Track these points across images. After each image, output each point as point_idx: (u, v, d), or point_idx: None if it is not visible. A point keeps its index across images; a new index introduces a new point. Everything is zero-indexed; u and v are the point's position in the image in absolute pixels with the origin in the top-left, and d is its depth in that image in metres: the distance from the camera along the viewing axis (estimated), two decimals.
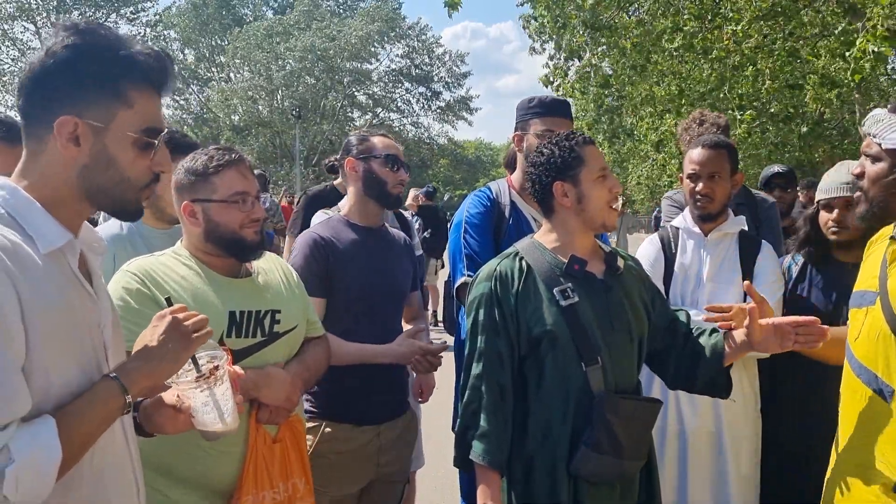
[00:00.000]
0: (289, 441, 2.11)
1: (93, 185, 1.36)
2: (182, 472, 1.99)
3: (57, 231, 1.34)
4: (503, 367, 2.10)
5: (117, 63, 1.33)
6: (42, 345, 1.26)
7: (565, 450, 2.06)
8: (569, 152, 2.15)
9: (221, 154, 2.08)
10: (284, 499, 2.05)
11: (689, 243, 2.90)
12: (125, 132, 1.35)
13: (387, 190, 2.67)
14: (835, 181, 2.76)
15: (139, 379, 1.39)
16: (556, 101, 2.92)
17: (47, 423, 1.24)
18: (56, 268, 1.33)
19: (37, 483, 1.21)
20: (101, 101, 1.33)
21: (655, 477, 2.26)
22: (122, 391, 1.35)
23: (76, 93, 1.31)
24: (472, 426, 2.10)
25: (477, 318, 2.14)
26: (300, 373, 2.17)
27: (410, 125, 39.40)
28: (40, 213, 1.33)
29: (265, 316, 2.11)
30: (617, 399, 2.06)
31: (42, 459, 1.21)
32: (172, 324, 1.45)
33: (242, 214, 2.06)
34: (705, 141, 2.87)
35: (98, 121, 1.33)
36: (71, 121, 1.31)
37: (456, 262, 2.86)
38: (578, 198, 2.14)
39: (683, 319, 2.31)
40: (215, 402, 1.56)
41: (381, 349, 2.56)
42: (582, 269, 2.14)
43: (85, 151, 1.34)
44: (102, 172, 1.36)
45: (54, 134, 1.32)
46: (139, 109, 1.37)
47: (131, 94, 1.35)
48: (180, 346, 1.44)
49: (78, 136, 1.32)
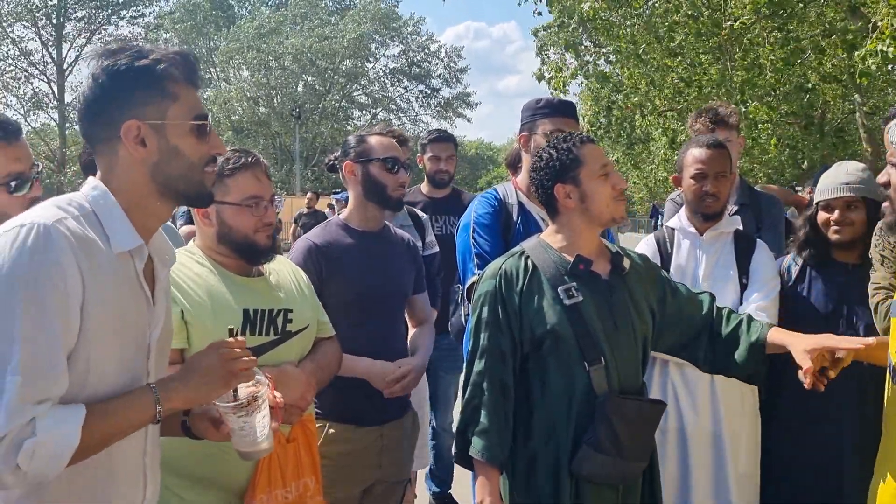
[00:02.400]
0: (301, 441, 2.13)
1: (167, 177, 1.49)
2: (197, 472, 2.00)
3: (130, 235, 1.46)
4: (505, 364, 2.11)
5: (154, 66, 1.47)
6: (91, 337, 1.37)
7: (568, 450, 2.07)
8: (567, 154, 2.15)
9: (238, 157, 2.10)
10: (296, 497, 2.07)
11: (684, 243, 2.91)
12: (180, 122, 1.49)
13: (387, 193, 2.64)
14: (834, 181, 2.76)
15: (175, 398, 1.47)
16: (564, 103, 2.92)
17: (78, 411, 1.34)
18: (122, 269, 1.45)
19: (49, 462, 1.30)
20: (152, 102, 1.47)
21: (658, 478, 2.27)
22: (156, 402, 1.44)
23: (130, 102, 1.46)
24: (473, 422, 2.11)
25: (481, 315, 2.15)
26: (314, 372, 2.19)
27: (409, 122, 39.36)
28: (120, 217, 1.46)
29: (278, 315, 2.13)
30: (620, 400, 2.07)
31: (60, 442, 1.31)
32: (225, 357, 1.52)
33: (255, 218, 2.08)
34: (708, 141, 2.88)
35: (155, 119, 1.47)
36: (134, 124, 1.45)
37: (466, 262, 2.84)
38: (581, 197, 2.15)
39: (708, 303, 2.31)
40: (252, 427, 1.62)
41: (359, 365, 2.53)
42: (587, 268, 2.15)
43: (152, 149, 1.47)
44: (172, 163, 1.49)
45: (123, 142, 1.46)
46: (184, 102, 1.50)
47: (174, 89, 1.49)
48: (222, 381, 1.52)
49: (143, 138, 1.46)
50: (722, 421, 2.75)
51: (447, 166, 4.22)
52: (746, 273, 2.80)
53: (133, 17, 35.30)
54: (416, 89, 39.72)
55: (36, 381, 1.29)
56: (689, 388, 2.76)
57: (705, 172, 2.82)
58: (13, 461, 1.26)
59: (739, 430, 2.77)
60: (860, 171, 2.77)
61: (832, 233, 2.76)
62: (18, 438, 1.27)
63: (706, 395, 2.75)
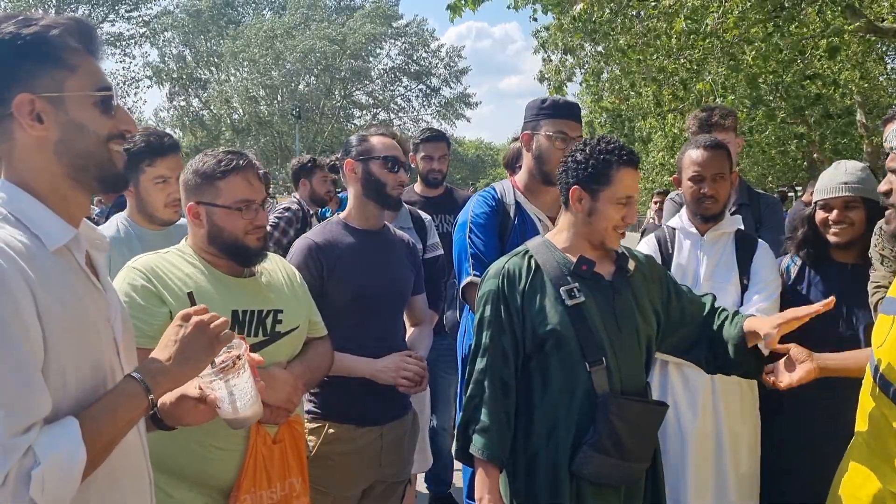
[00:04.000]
0: (288, 442, 2.12)
1: (73, 158, 1.35)
2: (184, 470, 2.00)
3: (61, 227, 1.34)
4: (507, 363, 2.12)
5: (45, 33, 1.33)
6: (58, 344, 1.26)
7: (568, 451, 2.07)
8: (603, 167, 2.13)
9: (230, 159, 2.09)
10: (281, 498, 2.07)
11: (685, 243, 2.91)
12: (81, 94, 1.35)
13: (386, 192, 2.65)
14: (832, 181, 2.75)
15: (163, 381, 1.39)
16: (568, 104, 2.91)
17: (71, 424, 1.25)
18: (65, 265, 1.34)
19: (62, 485, 1.22)
20: (46, 73, 1.33)
21: (661, 480, 2.27)
22: (146, 392, 1.36)
23: (19, 74, 1.31)
24: (474, 420, 2.12)
25: (483, 313, 2.16)
26: (302, 373, 2.19)
27: (410, 121, 39.34)
28: (42, 211, 1.33)
29: (267, 315, 2.13)
30: (622, 401, 2.07)
31: (67, 461, 1.22)
32: (199, 326, 1.45)
33: (246, 221, 2.08)
34: (705, 142, 2.88)
35: (51, 91, 1.33)
36: (26, 97, 1.31)
37: (462, 262, 2.84)
38: (589, 211, 2.16)
39: (709, 305, 2.33)
40: (240, 390, 1.58)
41: (361, 365, 2.53)
42: (590, 269, 2.16)
43: (51, 125, 1.33)
44: (77, 141, 1.35)
45: (17, 120, 1.31)
46: (84, 72, 1.36)
47: (70, 59, 1.35)
48: (204, 351, 1.45)
49: (39, 113, 1.32)
50: (722, 421, 2.76)
51: (440, 166, 4.23)
52: (747, 273, 2.80)
53: (128, 11, 35.18)
54: (417, 89, 39.71)
55: (18, 410, 1.18)
56: (689, 389, 2.76)
57: (702, 175, 2.82)
58: (26, 496, 1.17)
59: (739, 430, 2.78)
60: (859, 171, 2.77)
61: (831, 233, 2.76)
62: (23, 472, 1.17)
63: (706, 395, 2.75)
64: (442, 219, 4.08)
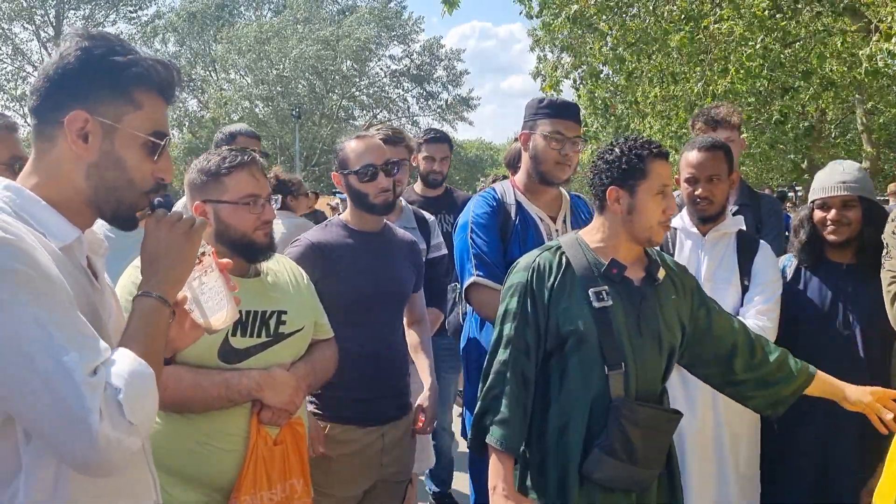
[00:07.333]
0: (289, 443, 2.12)
1: (99, 185, 1.38)
2: (183, 469, 2.01)
3: (66, 227, 1.36)
4: (528, 357, 2.12)
5: (128, 66, 1.37)
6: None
7: (578, 452, 2.07)
8: (636, 161, 2.12)
9: (234, 155, 2.10)
10: (282, 499, 2.06)
11: (686, 243, 2.90)
12: (133, 133, 1.38)
13: (369, 202, 2.61)
14: (830, 180, 2.76)
15: (168, 289, 1.42)
16: (567, 104, 2.90)
17: (124, 352, 1.30)
18: (70, 263, 1.36)
19: (147, 402, 1.28)
20: (111, 101, 1.36)
21: (678, 483, 2.25)
22: (162, 302, 1.39)
23: (88, 92, 1.35)
24: (492, 411, 2.12)
25: (509, 305, 2.15)
26: (305, 375, 2.19)
27: (410, 123, 39.29)
28: (47, 211, 1.34)
29: (271, 316, 2.13)
30: (635, 406, 2.07)
31: (140, 380, 1.27)
32: (171, 225, 1.45)
33: (253, 216, 2.08)
34: (701, 143, 2.87)
35: (107, 118, 1.35)
36: (82, 115, 1.34)
37: (464, 262, 2.82)
38: (629, 208, 2.14)
39: (741, 329, 2.30)
40: (210, 290, 1.56)
41: None
42: (620, 273, 2.14)
43: (93, 149, 1.36)
44: (109, 172, 1.37)
45: (65, 131, 1.34)
46: (147, 113, 1.39)
47: (139, 97, 1.38)
48: (187, 243, 1.45)
49: (87, 133, 1.34)
50: (722, 422, 2.75)
51: (441, 167, 4.24)
52: (748, 274, 2.79)
53: (130, 12, 35.20)
54: (417, 91, 39.63)
55: (88, 351, 1.23)
56: (688, 390, 2.75)
57: (696, 176, 2.82)
58: (124, 421, 1.22)
59: (739, 430, 2.78)
60: (856, 171, 2.78)
61: (828, 232, 2.76)
62: (112, 401, 1.22)
63: (706, 396, 2.74)
64: (442, 218, 4.09)
